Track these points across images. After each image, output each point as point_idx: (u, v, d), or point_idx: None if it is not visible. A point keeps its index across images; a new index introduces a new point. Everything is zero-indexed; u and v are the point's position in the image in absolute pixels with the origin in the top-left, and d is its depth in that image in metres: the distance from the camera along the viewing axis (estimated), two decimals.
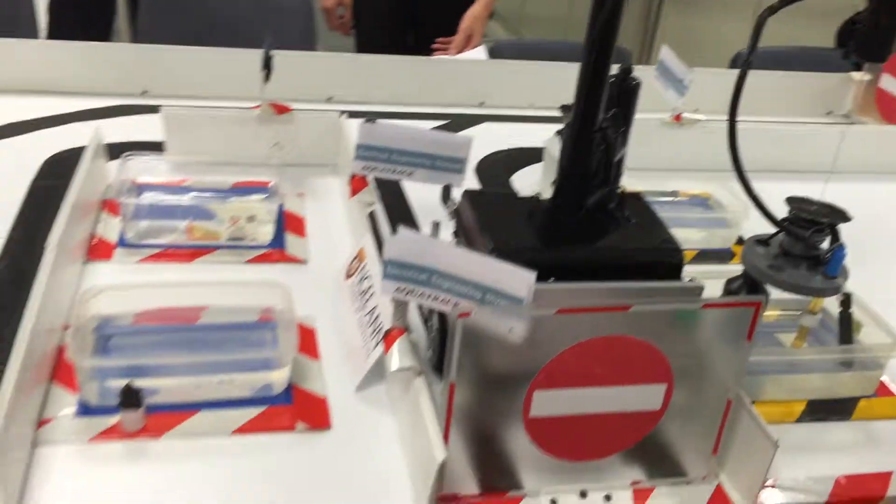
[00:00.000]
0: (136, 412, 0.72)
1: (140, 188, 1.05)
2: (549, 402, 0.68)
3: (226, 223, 1.01)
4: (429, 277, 0.72)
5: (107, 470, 0.69)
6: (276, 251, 1.00)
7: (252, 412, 0.76)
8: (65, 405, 0.74)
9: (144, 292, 0.85)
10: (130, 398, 0.71)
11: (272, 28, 1.19)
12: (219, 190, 1.08)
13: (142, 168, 1.07)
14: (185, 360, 0.78)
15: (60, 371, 0.77)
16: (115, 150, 1.10)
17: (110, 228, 1.00)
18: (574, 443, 0.71)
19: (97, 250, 0.96)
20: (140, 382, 0.72)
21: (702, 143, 1.29)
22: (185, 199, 1.05)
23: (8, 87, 1.30)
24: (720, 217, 1.17)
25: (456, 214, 0.83)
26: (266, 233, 1.02)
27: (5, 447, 0.62)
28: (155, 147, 1.15)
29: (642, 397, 0.70)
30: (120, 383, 0.72)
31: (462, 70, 1.51)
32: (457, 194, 0.88)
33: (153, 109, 1.29)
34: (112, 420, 0.72)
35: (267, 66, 1.12)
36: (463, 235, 0.81)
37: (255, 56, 1.13)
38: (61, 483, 0.67)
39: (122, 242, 0.97)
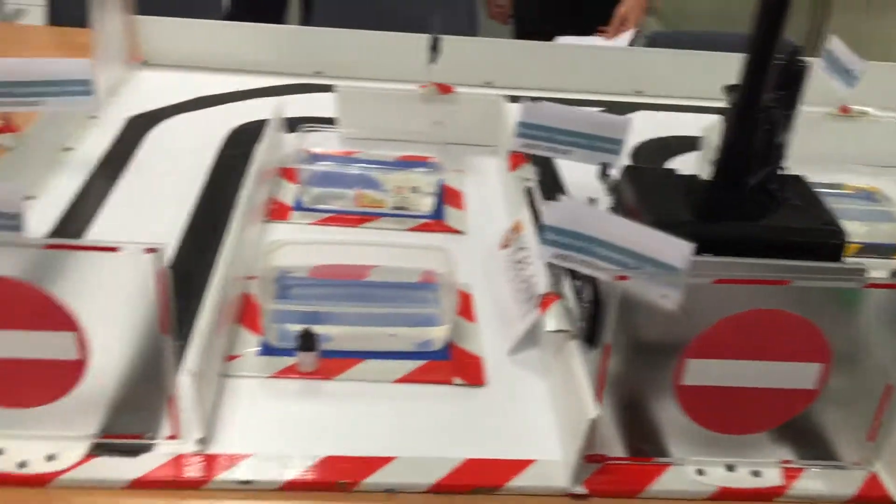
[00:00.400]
0: (313, 355, 0.79)
1: (314, 158, 1.13)
2: (702, 372, 0.69)
3: (391, 193, 1.07)
4: (586, 244, 0.75)
5: (284, 403, 0.76)
6: (436, 221, 1.06)
7: (413, 364, 0.82)
8: (249, 345, 0.82)
9: (319, 249, 0.92)
10: (308, 342, 0.78)
11: (437, 15, 1.24)
12: (385, 162, 1.15)
13: (316, 140, 1.16)
14: (357, 312, 0.84)
15: (245, 315, 0.85)
16: (291, 124, 1.20)
17: (287, 193, 1.08)
18: (724, 415, 0.72)
19: (276, 212, 1.05)
20: (316, 329, 0.79)
21: (870, 136, 1.24)
22: (355, 170, 1.12)
23: (199, 63, 1.43)
24: (886, 210, 1.13)
25: (614, 189, 0.86)
26: (427, 204, 1.08)
27: (203, 374, 0.70)
28: (327, 122, 1.23)
29: (797, 375, 0.70)
30: (297, 328, 0.79)
31: (619, 58, 1.52)
32: (614, 172, 0.91)
33: (325, 88, 1.38)
34: (290, 360, 0.80)
35: (434, 48, 1.18)
36: (621, 209, 0.84)
37: (418, 40, 1.19)
38: (246, 410, 0.75)
39: (298, 206, 1.06)
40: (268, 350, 0.81)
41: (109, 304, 0.65)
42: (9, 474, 0.66)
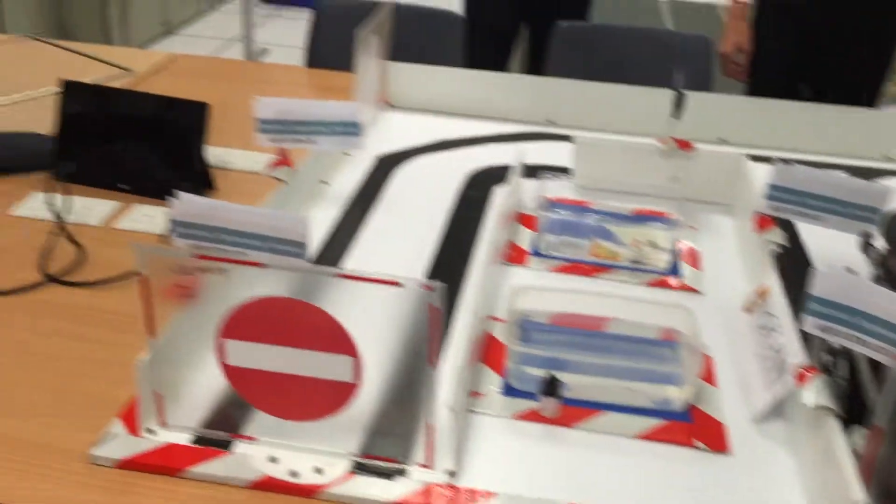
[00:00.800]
0: (556, 401, 0.80)
1: (551, 205, 1.16)
2: None
3: (627, 246, 1.08)
4: (856, 319, 0.71)
5: (527, 445, 0.78)
6: (672, 278, 1.05)
7: (653, 422, 0.81)
8: (491, 383, 0.85)
9: (558, 296, 0.94)
10: (553, 388, 0.80)
11: (672, 71, 1.24)
12: (620, 215, 1.16)
13: (553, 188, 1.18)
14: (596, 362, 0.85)
15: (488, 354, 0.88)
16: (524, 171, 1.23)
17: (524, 238, 1.11)
18: None
19: (514, 256, 1.08)
20: (558, 376, 0.80)
21: None
22: (590, 220, 1.14)
23: (439, 108, 1.50)
24: None
25: (882, 264, 0.82)
26: (664, 260, 1.07)
27: (457, 406, 0.74)
28: (558, 170, 1.26)
29: None
30: (540, 373, 0.81)
31: (866, 119, 1.44)
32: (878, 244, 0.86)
33: (556, 137, 1.41)
34: (532, 404, 0.82)
35: (679, 104, 1.18)
36: (890, 284, 0.79)
37: (651, 94, 1.18)
38: (490, 447, 0.77)
39: (535, 252, 1.09)
40: (510, 391, 0.84)
41: (383, 332, 0.70)
42: (282, 482, 0.72)
